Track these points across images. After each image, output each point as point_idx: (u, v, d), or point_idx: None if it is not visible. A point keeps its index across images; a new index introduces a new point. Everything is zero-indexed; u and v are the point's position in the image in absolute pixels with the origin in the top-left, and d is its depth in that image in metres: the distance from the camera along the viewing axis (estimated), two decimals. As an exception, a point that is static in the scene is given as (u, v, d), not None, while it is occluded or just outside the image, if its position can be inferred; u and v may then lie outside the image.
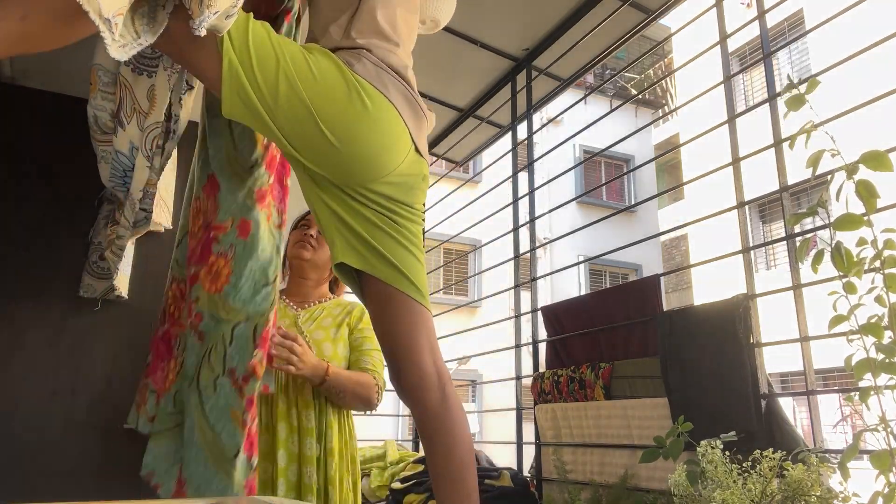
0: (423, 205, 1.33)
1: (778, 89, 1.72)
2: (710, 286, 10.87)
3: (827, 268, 1.22)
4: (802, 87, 1.24)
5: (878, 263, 1.13)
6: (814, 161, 1.17)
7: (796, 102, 1.24)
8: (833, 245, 1.18)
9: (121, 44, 0.91)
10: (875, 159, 1.14)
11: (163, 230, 2.27)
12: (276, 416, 1.68)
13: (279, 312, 1.84)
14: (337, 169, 1.19)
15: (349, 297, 2.11)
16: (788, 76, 1.33)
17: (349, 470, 1.73)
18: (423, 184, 1.30)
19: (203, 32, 0.94)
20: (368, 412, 1.84)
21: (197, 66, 1.15)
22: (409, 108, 1.22)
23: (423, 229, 1.95)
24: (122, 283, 2.15)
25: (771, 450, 1.33)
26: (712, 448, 1.34)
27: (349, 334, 1.83)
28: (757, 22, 1.98)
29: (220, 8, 0.92)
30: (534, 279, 2.80)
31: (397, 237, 1.23)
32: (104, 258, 2.13)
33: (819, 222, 1.28)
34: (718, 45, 2.07)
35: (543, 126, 12.33)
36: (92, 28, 0.98)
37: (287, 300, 1.89)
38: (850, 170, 1.17)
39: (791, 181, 1.78)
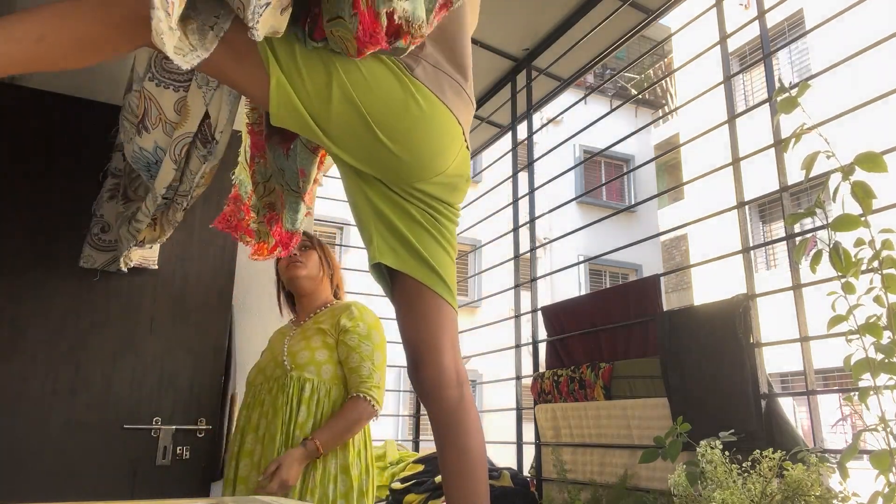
0: (461, 204, 1.35)
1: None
2: (710, 286, 10.87)
3: (826, 268, 1.22)
4: (794, 91, 1.25)
5: (876, 264, 1.13)
6: (808, 163, 1.17)
7: (788, 105, 1.24)
8: (831, 245, 1.19)
9: (181, 53, 0.91)
10: (870, 161, 1.14)
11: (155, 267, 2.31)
12: (247, 429, 1.80)
13: (282, 335, 1.94)
14: (391, 171, 1.20)
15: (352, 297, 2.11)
16: (780, 79, 1.33)
17: (334, 455, 1.74)
18: (465, 185, 1.32)
19: (259, 32, 0.92)
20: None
21: (242, 85, 1.15)
22: (462, 107, 1.24)
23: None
24: (153, 254, 2.23)
25: (771, 450, 1.33)
26: (712, 448, 1.35)
27: (339, 335, 1.83)
28: (757, 22, 1.98)
29: None
30: (534, 279, 2.80)
31: (436, 235, 1.25)
32: (106, 231, 2.14)
33: (818, 223, 1.28)
34: (718, 45, 2.07)
35: (543, 126, 12.32)
36: (111, 54, 0.98)
37: (293, 324, 1.98)
38: (846, 171, 1.17)
39: (791, 181, 1.78)
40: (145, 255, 2.23)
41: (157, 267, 2.29)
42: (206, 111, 1.46)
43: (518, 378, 2.86)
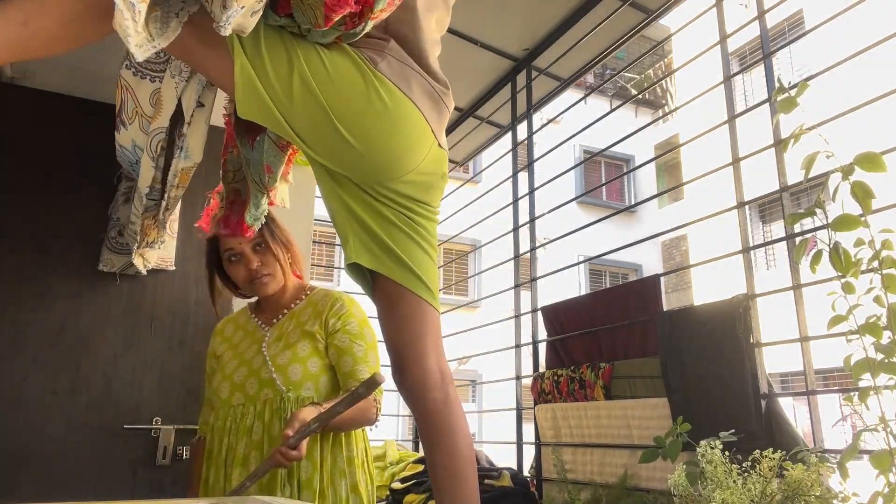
0: (439, 202, 1.31)
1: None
2: (710, 286, 10.87)
3: (826, 268, 1.22)
4: (793, 91, 1.25)
5: (875, 264, 1.13)
6: (808, 163, 1.18)
7: (788, 105, 1.25)
8: (831, 245, 1.19)
9: (136, 43, 0.90)
10: (869, 161, 1.15)
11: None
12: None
13: (248, 335, 1.68)
14: (356, 169, 1.17)
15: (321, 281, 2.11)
16: (779, 79, 1.33)
17: (343, 475, 1.58)
18: (441, 182, 1.28)
19: (228, 30, 0.91)
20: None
21: (209, 71, 1.14)
22: (431, 106, 1.19)
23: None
24: (169, 254, 2.22)
25: (771, 450, 1.33)
26: (712, 448, 1.35)
27: (328, 337, 1.61)
28: (757, 22, 1.98)
29: (247, 3, 0.90)
30: (534, 279, 2.80)
31: (413, 236, 1.22)
32: (122, 234, 2.15)
33: (818, 223, 1.28)
34: (718, 45, 2.07)
35: (543, 126, 12.33)
36: (96, 33, 0.97)
37: (256, 319, 1.72)
38: (846, 171, 1.17)
39: (791, 181, 1.78)
40: (162, 257, 2.24)
41: (174, 268, 2.28)
42: (178, 104, 1.42)
43: (518, 378, 2.86)
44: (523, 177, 3.07)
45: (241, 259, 1.62)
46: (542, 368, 2.61)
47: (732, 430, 1.45)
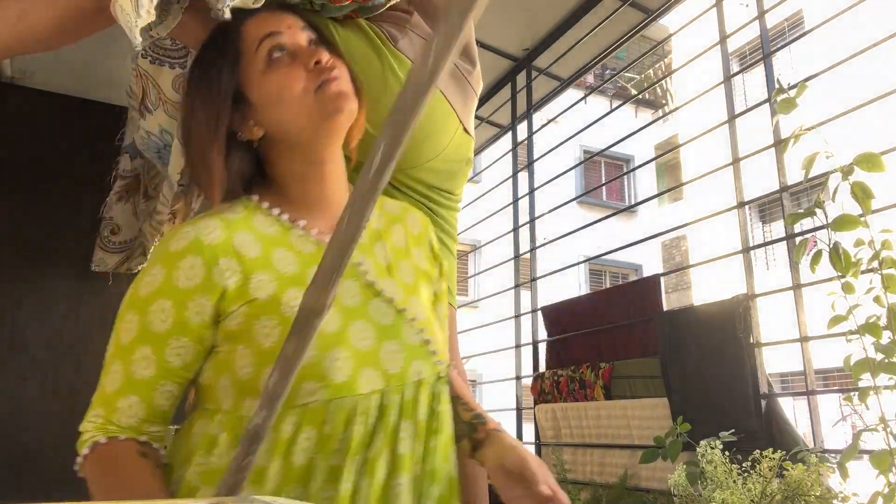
0: (462, 190, 1.23)
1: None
2: (710, 286, 10.88)
3: (826, 268, 1.23)
4: (793, 91, 1.25)
5: (875, 264, 1.13)
6: (808, 163, 1.18)
7: (787, 106, 1.25)
8: (831, 246, 1.19)
9: (135, 27, 0.89)
10: (868, 161, 1.15)
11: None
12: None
13: (312, 259, 0.83)
14: None
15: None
16: (778, 80, 1.33)
17: None
18: (466, 168, 1.21)
19: (227, 14, 0.87)
20: None
21: None
22: (456, 88, 1.11)
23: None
24: None
25: (771, 450, 1.33)
26: (712, 448, 1.35)
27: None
28: (757, 22, 1.98)
29: None
30: (534, 279, 2.80)
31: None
32: (116, 233, 2.13)
33: (818, 223, 1.28)
34: (718, 45, 2.07)
35: (543, 126, 12.32)
36: (93, 27, 0.97)
37: (304, 226, 0.87)
38: (846, 171, 1.17)
39: (791, 181, 1.78)
40: None
41: None
42: None
43: (518, 378, 2.86)
44: (523, 177, 3.07)
45: (295, 55, 0.85)
46: (542, 368, 2.61)
47: (732, 430, 1.45)
